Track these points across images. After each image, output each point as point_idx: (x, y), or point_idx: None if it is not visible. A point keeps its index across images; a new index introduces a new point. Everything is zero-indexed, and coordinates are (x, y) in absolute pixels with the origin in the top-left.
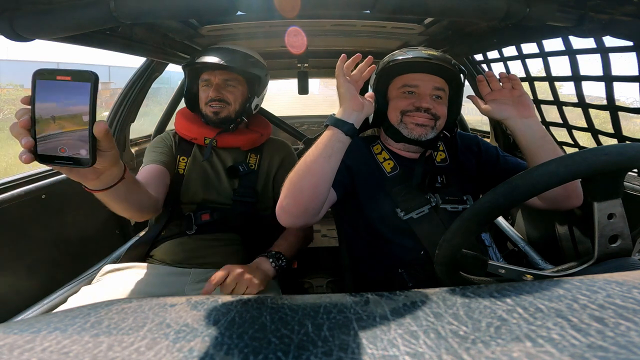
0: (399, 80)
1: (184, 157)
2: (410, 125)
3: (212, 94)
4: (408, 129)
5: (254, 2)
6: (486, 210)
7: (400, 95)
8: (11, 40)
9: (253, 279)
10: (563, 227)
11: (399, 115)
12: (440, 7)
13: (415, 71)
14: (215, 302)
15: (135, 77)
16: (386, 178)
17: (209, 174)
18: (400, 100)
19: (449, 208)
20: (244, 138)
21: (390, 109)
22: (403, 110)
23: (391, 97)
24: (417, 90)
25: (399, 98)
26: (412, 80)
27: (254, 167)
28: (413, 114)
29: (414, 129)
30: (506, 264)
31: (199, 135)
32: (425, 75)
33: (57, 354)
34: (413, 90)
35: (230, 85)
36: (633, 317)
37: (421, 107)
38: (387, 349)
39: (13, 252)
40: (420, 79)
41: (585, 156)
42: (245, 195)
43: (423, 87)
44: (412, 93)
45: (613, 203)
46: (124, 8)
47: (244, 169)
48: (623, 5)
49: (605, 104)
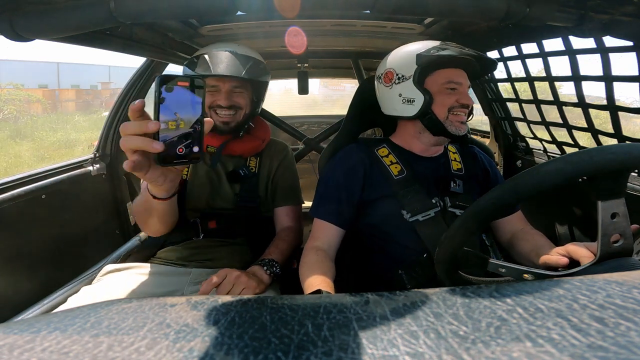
0: (440, 74)
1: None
2: (456, 123)
3: (223, 102)
4: (455, 127)
5: (254, 2)
6: (491, 206)
7: (444, 90)
8: (11, 40)
9: (250, 281)
10: (563, 227)
11: (446, 112)
12: (440, 7)
13: (455, 66)
14: (215, 302)
15: (135, 77)
16: (393, 181)
17: (212, 179)
18: (446, 96)
19: (457, 212)
20: (247, 146)
21: (436, 104)
22: (450, 107)
23: (433, 92)
24: (459, 87)
25: (443, 94)
26: (456, 76)
27: (255, 170)
28: (458, 111)
29: (460, 127)
30: (507, 263)
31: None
32: (462, 72)
33: (57, 354)
34: (456, 87)
35: (239, 92)
36: (633, 317)
37: (465, 104)
38: (387, 349)
39: (13, 252)
40: (461, 76)
41: (591, 154)
42: (248, 200)
43: (464, 84)
44: (455, 89)
45: (617, 202)
46: (124, 8)
47: (244, 172)
48: (623, 5)
49: (605, 104)
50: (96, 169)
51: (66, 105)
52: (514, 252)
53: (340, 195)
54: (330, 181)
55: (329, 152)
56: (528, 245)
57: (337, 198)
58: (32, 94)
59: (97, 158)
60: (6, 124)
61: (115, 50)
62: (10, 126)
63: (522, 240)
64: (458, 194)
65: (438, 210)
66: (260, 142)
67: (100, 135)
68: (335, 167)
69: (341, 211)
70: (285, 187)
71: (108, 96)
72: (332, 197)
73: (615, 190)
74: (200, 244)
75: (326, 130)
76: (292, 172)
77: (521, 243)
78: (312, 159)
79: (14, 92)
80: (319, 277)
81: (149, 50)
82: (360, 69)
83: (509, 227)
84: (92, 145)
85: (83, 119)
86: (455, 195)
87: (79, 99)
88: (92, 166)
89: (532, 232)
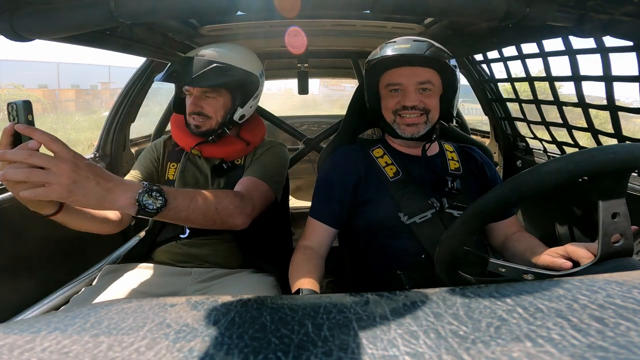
0: (385, 77)
1: (174, 164)
2: (402, 126)
3: (189, 107)
4: (400, 129)
5: (254, 2)
6: (492, 206)
7: (387, 94)
8: (11, 40)
9: (73, 189)
10: (563, 227)
11: (392, 115)
12: (440, 7)
13: (399, 65)
14: (215, 302)
15: (135, 77)
16: (389, 182)
17: (198, 178)
18: (388, 99)
19: (455, 213)
20: (229, 149)
21: (383, 109)
22: (394, 110)
23: (382, 96)
24: (401, 87)
25: (386, 97)
26: (395, 78)
27: (241, 162)
28: (403, 113)
29: (405, 129)
30: (507, 262)
31: (185, 145)
32: (408, 70)
33: (57, 354)
34: (398, 87)
35: (209, 97)
36: (633, 317)
37: (407, 106)
38: (387, 349)
39: (13, 252)
40: (404, 75)
41: (593, 154)
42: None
43: (407, 84)
44: (398, 90)
45: (617, 202)
46: (124, 8)
47: (227, 165)
48: (623, 5)
49: (605, 104)
50: None
51: (66, 105)
52: (508, 253)
53: (331, 195)
54: (323, 181)
55: (328, 152)
56: (522, 245)
57: (328, 197)
58: (32, 94)
59: (97, 158)
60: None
61: (115, 50)
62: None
63: (517, 242)
64: (455, 194)
65: (435, 211)
66: (244, 146)
67: (100, 135)
68: (329, 167)
69: (332, 210)
70: (258, 163)
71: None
72: (324, 196)
73: (616, 190)
74: (194, 246)
75: (326, 130)
76: (276, 158)
77: (515, 244)
78: (312, 159)
79: (14, 92)
80: (302, 276)
81: (149, 50)
82: (360, 69)
83: (503, 231)
84: (92, 145)
85: (83, 119)
86: (453, 196)
87: (79, 99)
88: None
89: (526, 234)
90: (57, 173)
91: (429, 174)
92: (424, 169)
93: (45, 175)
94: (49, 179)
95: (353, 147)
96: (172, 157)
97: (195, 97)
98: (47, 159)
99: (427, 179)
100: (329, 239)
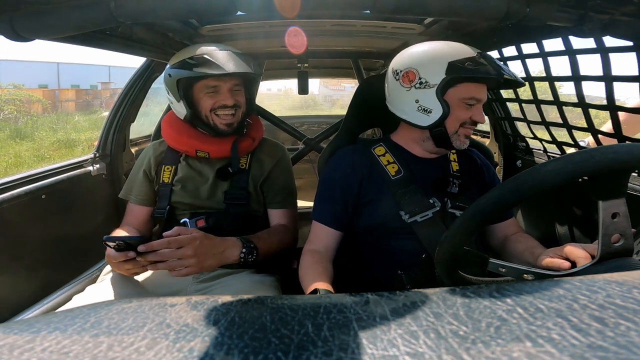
0: (464, 88)
1: (168, 167)
2: (462, 138)
3: (228, 101)
4: (460, 141)
5: (254, 2)
6: (492, 206)
7: (462, 105)
8: (11, 40)
9: (201, 262)
10: (563, 227)
11: (457, 126)
12: (440, 7)
13: (480, 82)
14: (215, 302)
15: (135, 77)
16: (390, 181)
17: (198, 181)
18: (463, 110)
19: (457, 213)
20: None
21: (450, 118)
22: (463, 122)
23: (452, 104)
24: (477, 104)
25: (461, 108)
26: (478, 92)
27: (245, 166)
28: (468, 127)
29: (464, 141)
30: (507, 262)
31: (190, 148)
32: (484, 87)
33: (57, 354)
34: (475, 103)
35: (237, 90)
36: (633, 317)
37: (477, 122)
38: (387, 349)
39: (13, 252)
40: (482, 91)
41: (593, 154)
42: (237, 197)
43: (482, 100)
44: (472, 105)
45: (617, 202)
46: (124, 8)
47: (233, 169)
48: (623, 5)
49: (605, 104)
50: (96, 169)
51: (66, 105)
52: (506, 253)
53: (335, 197)
54: (327, 183)
55: (328, 152)
56: (521, 246)
57: (332, 200)
58: (32, 94)
59: (97, 158)
60: (6, 124)
61: (115, 50)
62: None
63: (515, 242)
64: (457, 194)
65: (436, 210)
66: (251, 142)
67: (100, 135)
68: (332, 169)
69: (336, 213)
70: (281, 190)
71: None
72: (328, 199)
73: (616, 190)
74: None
75: (326, 130)
76: (289, 174)
77: (514, 244)
78: (312, 159)
79: (14, 92)
80: (315, 278)
81: (149, 50)
82: (360, 69)
83: (502, 232)
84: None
85: (83, 119)
86: (455, 196)
87: (79, 99)
88: (92, 166)
89: (525, 235)
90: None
91: (432, 174)
92: (427, 169)
93: (180, 263)
94: (184, 264)
95: (354, 147)
96: (167, 160)
97: (229, 91)
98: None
99: (429, 179)
100: (334, 242)
